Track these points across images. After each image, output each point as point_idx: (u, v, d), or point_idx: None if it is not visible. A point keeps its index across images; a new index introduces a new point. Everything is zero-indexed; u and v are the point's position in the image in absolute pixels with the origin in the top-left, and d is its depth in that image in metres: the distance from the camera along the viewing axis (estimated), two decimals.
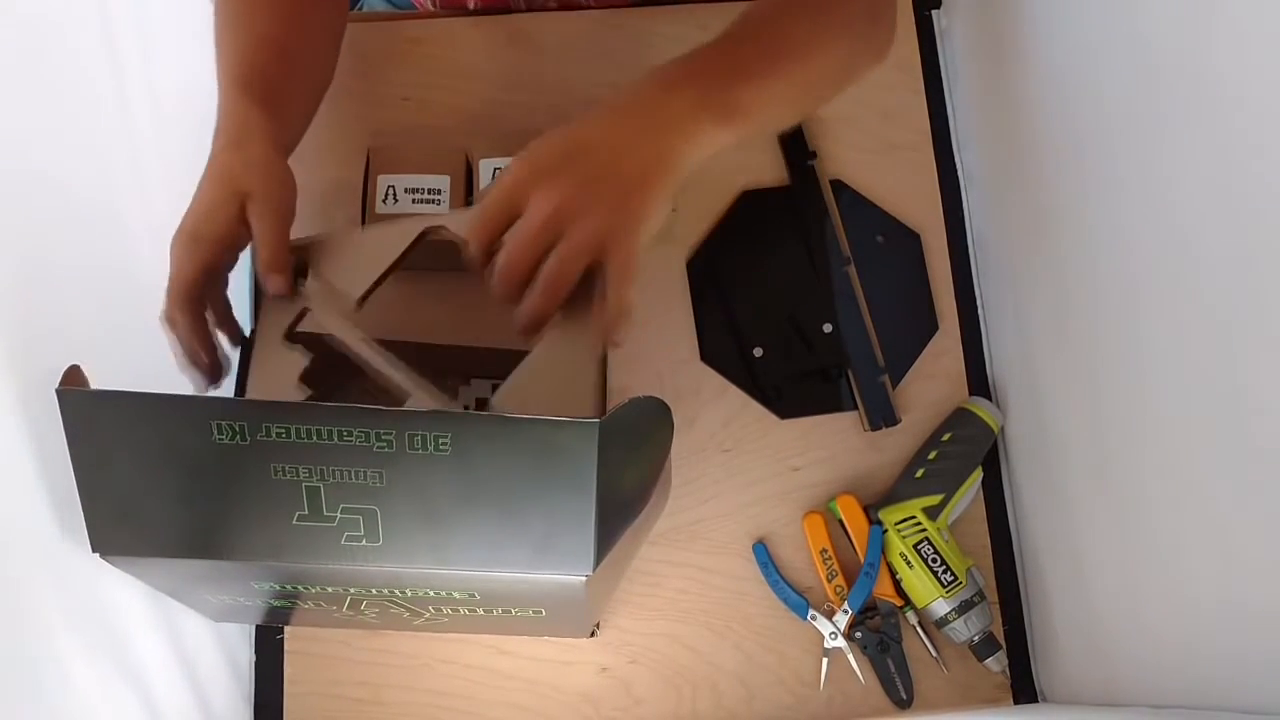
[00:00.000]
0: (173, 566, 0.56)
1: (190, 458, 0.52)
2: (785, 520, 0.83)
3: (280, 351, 0.63)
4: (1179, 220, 0.58)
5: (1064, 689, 0.79)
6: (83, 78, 0.64)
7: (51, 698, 0.53)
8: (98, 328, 0.62)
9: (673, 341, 0.86)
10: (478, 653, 0.80)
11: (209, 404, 0.52)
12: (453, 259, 0.66)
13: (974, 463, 0.83)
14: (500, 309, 0.60)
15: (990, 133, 0.85)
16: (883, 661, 0.80)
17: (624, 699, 0.79)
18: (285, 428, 0.52)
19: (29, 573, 0.53)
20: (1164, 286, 0.60)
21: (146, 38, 0.72)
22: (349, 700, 0.79)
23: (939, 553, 0.79)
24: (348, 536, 0.54)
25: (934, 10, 0.94)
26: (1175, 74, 0.57)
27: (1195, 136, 0.56)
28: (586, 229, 0.56)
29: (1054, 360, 0.77)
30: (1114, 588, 0.71)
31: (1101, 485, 0.71)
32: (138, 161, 0.70)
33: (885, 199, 0.89)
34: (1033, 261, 0.79)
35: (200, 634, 0.71)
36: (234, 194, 0.59)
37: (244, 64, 0.65)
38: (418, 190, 0.79)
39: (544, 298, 0.57)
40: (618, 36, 0.91)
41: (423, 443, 0.52)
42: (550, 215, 0.55)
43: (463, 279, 0.70)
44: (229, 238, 0.60)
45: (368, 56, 0.88)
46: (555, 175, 0.56)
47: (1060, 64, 0.72)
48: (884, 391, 0.84)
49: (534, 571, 0.56)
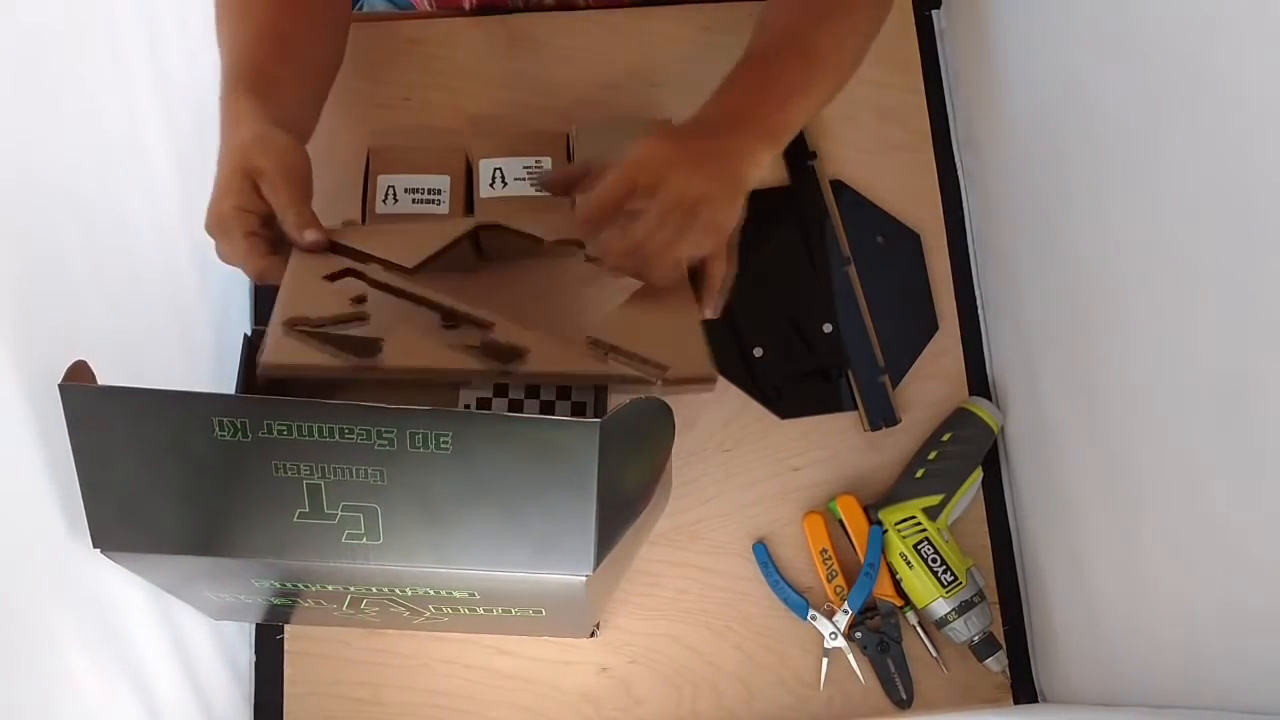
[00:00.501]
0: (174, 563, 0.56)
1: (192, 454, 0.52)
2: (785, 520, 0.83)
3: (319, 284, 0.64)
4: (1179, 219, 0.58)
5: (1064, 689, 0.79)
6: (87, 77, 0.64)
7: (51, 696, 0.53)
8: (103, 325, 0.62)
9: None
10: (478, 653, 0.79)
11: (211, 401, 0.52)
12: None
13: (974, 463, 0.83)
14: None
15: (990, 133, 0.85)
16: (883, 661, 0.80)
17: (624, 699, 0.79)
18: (287, 425, 0.52)
19: (30, 569, 0.53)
20: (1164, 286, 0.61)
21: (152, 38, 0.72)
22: (349, 700, 0.79)
23: (939, 553, 0.79)
24: (348, 534, 0.54)
25: (934, 10, 0.94)
26: (1175, 73, 0.57)
27: (1195, 136, 0.56)
28: (712, 220, 0.65)
29: (1054, 360, 0.77)
30: (1114, 588, 0.71)
31: (1101, 485, 0.71)
32: (143, 160, 0.70)
33: (885, 199, 0.89)
34: (1033, 261, 0.80)
35: (200, 634, 0.71)
36: (239, 170, 0.61)
37: (238, 55, 0.67)
38: (418, 190, 0.79)
39: (673, 269, 0.65)
40: (617, 36, 0.91)
41: (424, 441, 0.52)
42: (681, 196, 0.64)
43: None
44: (251, 207, 0.61)
45: (368, 56, 0.88)
46: (677, 167, 0.64)
47: (1060, 64, 0.72)
48: (884, 391, 0.84)
49: (534, 571, 0.56)
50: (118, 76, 0.68)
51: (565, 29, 0.91)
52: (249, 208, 0.62)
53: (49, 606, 0.54)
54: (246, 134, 0.62)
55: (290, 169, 0.62)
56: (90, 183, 0.63)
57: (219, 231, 0.62)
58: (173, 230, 0.74)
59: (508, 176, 0.79)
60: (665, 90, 0.90)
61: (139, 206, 0.69)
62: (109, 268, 0.64)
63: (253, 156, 0.61)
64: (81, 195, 0.62)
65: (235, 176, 0.61)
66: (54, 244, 0.58)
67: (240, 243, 0.61)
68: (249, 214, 0.62)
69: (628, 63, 0.91)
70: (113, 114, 0.67)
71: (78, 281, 0.60)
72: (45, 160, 0.58)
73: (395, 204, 0.78)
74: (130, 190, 0.68)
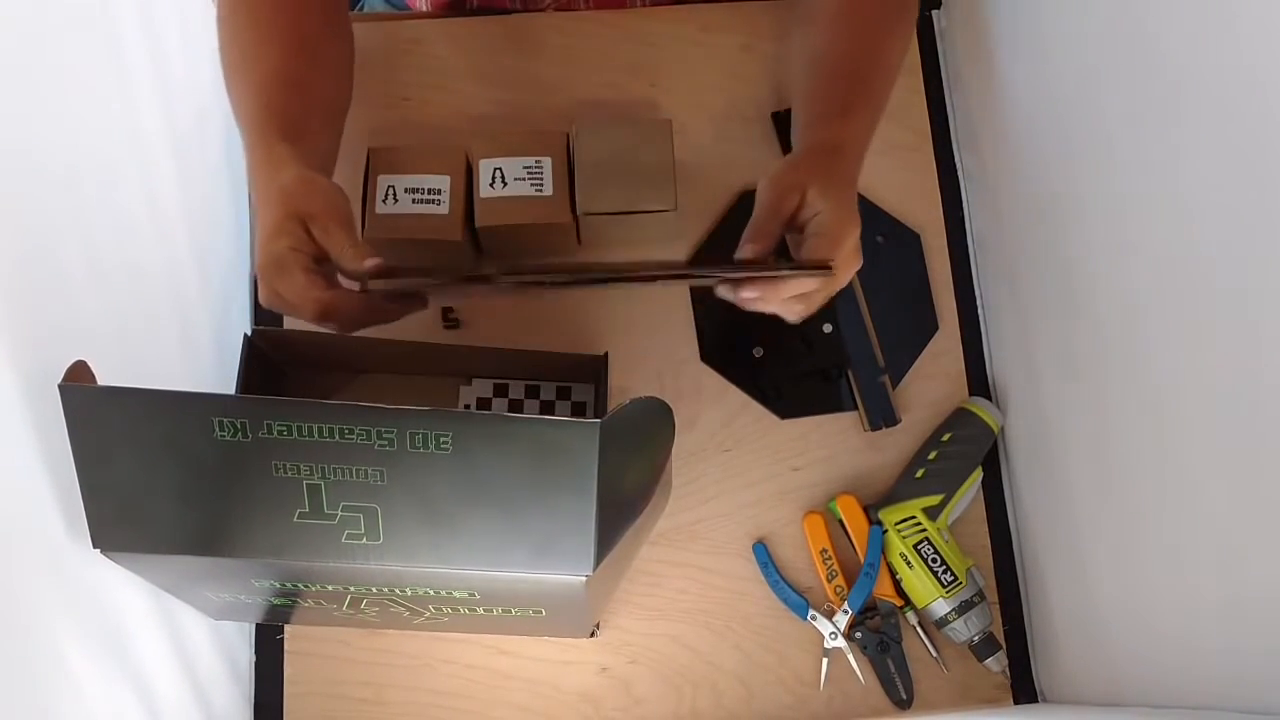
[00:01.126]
0: (174, 563, 0.56)
1: (192, 455, 0.52)
2: (785, 520, 0.83)
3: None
4: (1179, 219, 0.58)
5: (1064, 689, 0.79)
6: (87, 77, 0.64)
7: (51, 696, 0.53)
8: (103, 325, 0.62)
9: (673, 342, 0.86)
10: (478, 653, 0.79)
11: (211, 401, 0.52)
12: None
13: (974, 463, 0.83)
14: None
15: (990, 133, 0.85)
16: (883, 661, 0.80)
17: (624, 699, 0.79)
18: (287, 425, 0.52)
19: (30, 569, 0.53)
20: (1164, 286, 0.61)
21: (151, 32, 0.72)
22: (349, 700, 0.79)
23: (939, 553, 0.79)
24: (348, 534, 0.54)
25: (934, 10, 0.94)
26: (1175, 73, 0.57)
27: (1194, 135, 0.56)
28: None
29: (1054, 360, 0.77)
30: (1114, 588, 0.71)
31: (1101, 485, 0.71)
32: (143, 160, 0.70)
33: (885, 199, 0.89)
34: (1033, 261, 0.80)
35: (200, 634, 0.71)
36: (290, 214, 0.62)
37: (260, 103, 0.68)
38: (418, 190, 0.79)
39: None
40: (617, 36, 0.91)
41: (424, 441, 0.52)
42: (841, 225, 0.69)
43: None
44: (305, 248, 0.63)
45: (368, 56, 0.88)
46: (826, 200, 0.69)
47: (1060, 63, 0.72)
48: (884, 391, 0.84)
49: (534, 571, 0.56)
50: (118, 76, 0.68)
51: (565, 29, 0.91)
52: (303, 248, 0.63)
53: (49, 606, 0.54)
54: (289, 179, 0.64)
55: (338, 209, 0.64)
56: (90, 182, 0.63)
57: (276, 272, 0.63)
58: (173, 230, 0.74)
59: (508, 176, 0.79)
60: (665, 90, 0.90)
61: (139, 206, 0.69)
62: (109, 268, 0.64)
63: (299, 200, 0.63)
64: (82, 195, 0.62)
65: (287, 220, 0.62)
66: (54, 244, 0.58)
67: (300, 278, 0.62)
68: (305, 254, 0.63)
69: (628, 63, 0.91)
70: (113, 114, 0.67)
71: (78, 281, 0.60)
72: (45, 160, 0.58)
73: (395, 204, 0.78)
74: (131, 190, 0.68)
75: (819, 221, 0.68)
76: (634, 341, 0.84)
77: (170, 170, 0.74)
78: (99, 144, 0.65)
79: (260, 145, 0.66)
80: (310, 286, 0.63)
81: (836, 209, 0.68)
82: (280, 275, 0.63)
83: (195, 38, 0.80)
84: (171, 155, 0.74)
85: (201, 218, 0.80)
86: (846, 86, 0.75)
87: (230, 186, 0.86)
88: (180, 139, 0.76)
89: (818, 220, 0.68)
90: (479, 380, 0.83)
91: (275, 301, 0.64)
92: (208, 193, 0.82)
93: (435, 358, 0.80)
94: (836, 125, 0.73)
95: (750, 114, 0.90)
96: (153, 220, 0.71)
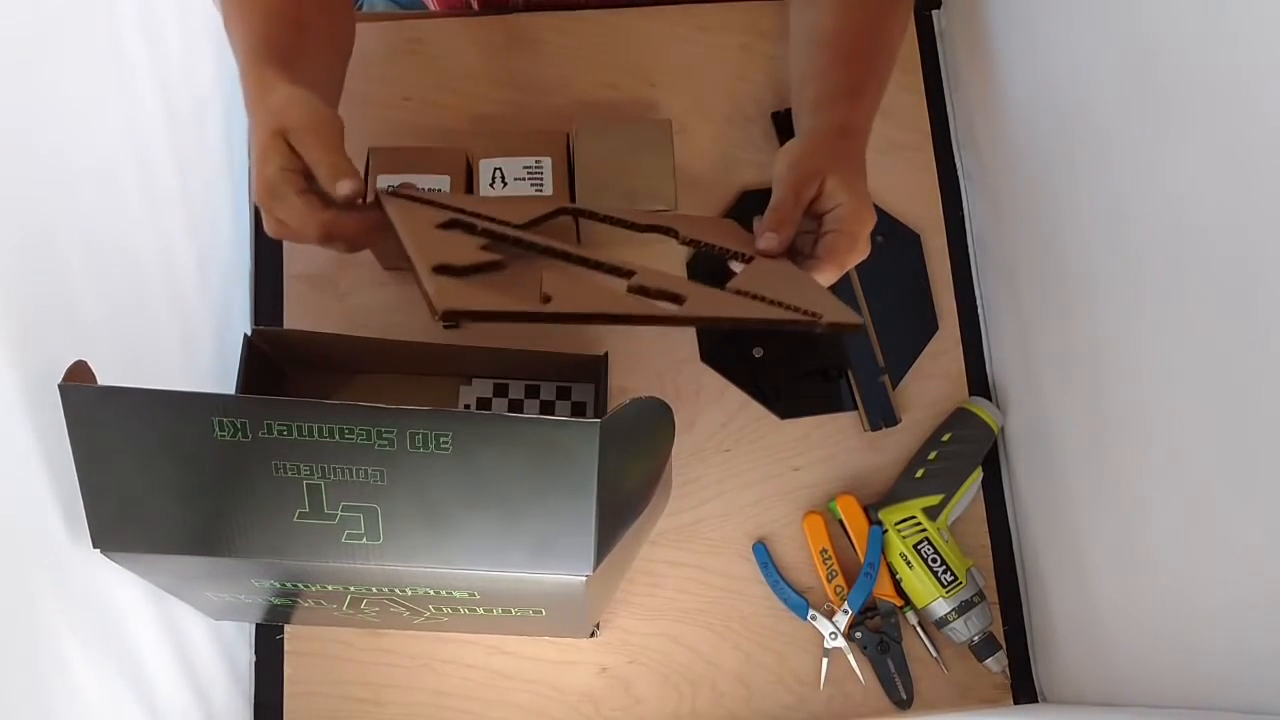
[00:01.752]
0: (173, 563, 0.56)
1: (192, 454, 0.52)
2: (785, 520, 0.83)
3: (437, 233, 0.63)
4: (1178, 219, 0.58)
5: (1064, 689, 0.79)
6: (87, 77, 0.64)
7: (50, 696, 0.53)
8: (103, 325, 0.62)
9: (673, 342, 0.86)
10: (478, 653, 0.79)
11: (211, 401, 0.52)
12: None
13: (974, 463, 0.83)
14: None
15: (990, 133, 0.85)
16: (883, 661, 0.80)
17: (624, 699, 0.79)
18: (287, 425, 0.52)
19: (30, 569, 0.53)
20: (1163, 285, 0.61)
21: (150, 20, 0.72)
22: (349, 700, 0.78)
23: (939, 553, 0.79)
24: (348, 534, 0.54)
25: (934, 10, 0.94)
26: (1174, 73, 0.57)
27: (1193, 135, 0.56)
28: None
29: (1054, 360, 0.77)
30: (1114, 588, 0.71)
31: (1101, 485, 0.71)
32: (143, 159, 0.70)
33: (885, 199, 0.89)
34: (1033, 261, 0.80)
35: (200, 634, 0.71)
36: (274, 133, 0.60)
37: (255, 36, 0.66)
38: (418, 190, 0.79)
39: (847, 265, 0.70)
40: (617, 36, 0.91)
41: (424, 441, 0.52)
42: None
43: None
44: (296, 166, 0.60)
45: (368, 56, 0.88)
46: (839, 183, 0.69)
47: (1060, 63, 0.72)
48: (884, 391, 0.84)
49: (534, 571, 0.56)
50: (118, 76, 0.68)
51: (565, 29, 0.91)
52: (294, 168, 0.60)
53: (49, 606, 0.54)
54: (276, 98, 0.62)
55: (319, 122, 0.61)
56: (90, 182, 0.63)
57: (270, 197, 0.60)
58: (173, 230, 0.74)
59: (508, 176, 0.79)
60: (665, 90, 0.90)
61: (139, 206, 0.69)
62: (109, 267, 0.64)
63: (282, 116, 0.61)
64: (81, 195, 0.62)
65: (272, 140, 0.60)
66: (54, 244, 0.58)
67: (295, 202, 0.60)
68: (296, 174, 0.60)
69: (628, 63, 0.91)
70: (113, 113, 0.67)
71: (77, 281, 0.60)
72: (45, 160, 0.58)
73: None
74: (130, 190, 0.68)
75: (837, 216, 0.68)
76: (634, 341, 0.84)
77: (171, 170, 0.74)
78: (98, 142, 0.64)
79: (253, 72, 0.64)
80: (308, 208, 0.60)
81: (854, 202, 0.68)
82: (276, 201, 0.60)
83: (196, 38, 0.80)
84: (172, 155, 0.74)
85: (202, 218, 0.80)
86: (856, 67, 0.75)
87: (230, 186, 0.86)
88: (181, 139, 0.76)
89: (836, 215, 0.68)
90: (479, 380, 0.83)
91: (279, 230, 0.62)
92: (208, 193, 0.82)
93: (435, 358, 0.80)
94: (846, 106, 0.73)
95: (750, 114, 0.90)
96: (153, 220, 0.71)
